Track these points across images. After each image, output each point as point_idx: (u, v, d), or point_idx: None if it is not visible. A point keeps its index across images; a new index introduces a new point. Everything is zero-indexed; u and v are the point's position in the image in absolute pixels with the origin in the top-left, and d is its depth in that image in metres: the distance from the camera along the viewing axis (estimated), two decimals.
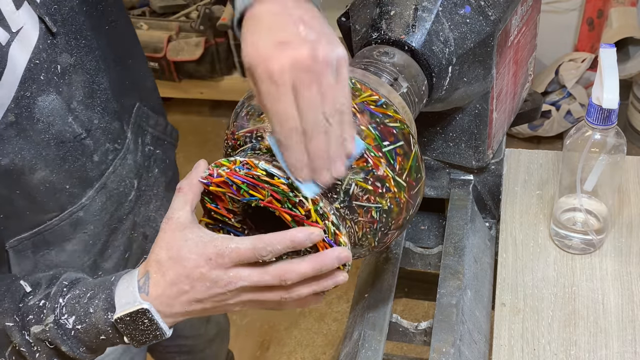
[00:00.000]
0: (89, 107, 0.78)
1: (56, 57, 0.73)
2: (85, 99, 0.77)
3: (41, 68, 0.72)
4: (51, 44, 0.72)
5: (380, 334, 0.80)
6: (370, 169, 0.60)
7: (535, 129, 2.42)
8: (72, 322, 0.64)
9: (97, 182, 0.82)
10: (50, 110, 0.73)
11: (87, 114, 0.78)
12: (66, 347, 0.64)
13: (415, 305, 1.96)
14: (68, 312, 0.64)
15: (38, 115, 0.72)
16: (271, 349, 1.97)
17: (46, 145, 0.74)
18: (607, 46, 0.80)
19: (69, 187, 0.79)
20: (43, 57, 0.72)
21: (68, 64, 0.74)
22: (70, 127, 0.76)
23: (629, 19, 2.18)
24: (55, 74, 0.73)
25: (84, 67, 0.77)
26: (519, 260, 0.91)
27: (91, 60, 0.77)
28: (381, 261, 0.90)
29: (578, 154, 0.82)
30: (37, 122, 0.73)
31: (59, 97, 0.74)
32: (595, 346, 0.80)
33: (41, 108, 0.73)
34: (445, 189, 0.98)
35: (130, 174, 0.87)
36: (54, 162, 0.76)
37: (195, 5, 2.64)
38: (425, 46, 0.73)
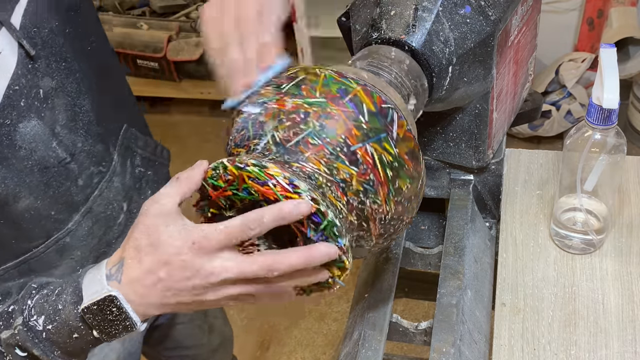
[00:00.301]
0: (72, 130, 0.76)
1: (37, 81, 0.71)
2: (69, 122, 0.76)
3: (21, 94, 0.70)
4: (32, 69, 0.70)
5: (380, 334, 0.80)
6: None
7: (535, 129, 2.42)
8: (42, 323, 0.61)
9: (82, 206, 0.80)
10: (32, 137, 0.71)
11: (70, 138, 0.76)
12: (38, 350, 0.61)
13: (415, 305, 1.97)
14: (37, 313, 0.62)
15: (20, 142, 0.71)
16: (271, 349, 1.97)
17: (29, 172, 0.72)
18: (607, 46, 0.80)
19: (54, 213, 0.77)
20: (22, 83, 0.70)
21: (50, 87, 0.73)
22: (54, 152, 0.74)
23: (629, 19, 2.18)
24: (37, 99, 0.71)
25: (65, 90, 0.75)
26: (519, 260, 0.91)
27: (72, 83, 0.76)
28: (381, 261, 0.90)
29: (578, 154, 0.82)
30: (19, 149, 0.71)
31: (41, 122, 0.72)
32: (595, 346, 0.80)
33: (22, 135, 0.71)
34: (445, 189, 0.98)
35: (118, 197, 0.86)
36: (38, 189, 0.74)
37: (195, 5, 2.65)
38: (426, 46, 0.73)
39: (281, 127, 0.59)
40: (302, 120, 0.59)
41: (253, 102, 0.62)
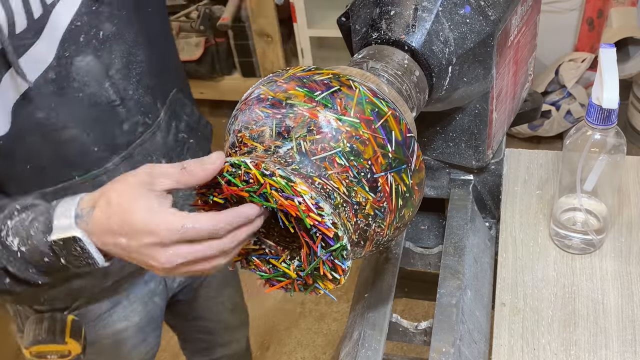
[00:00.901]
0: (125, 76, 0.82)
1: (98, 23, 0.77)
2: (123, 68, 0.81)
3: (81, 30, 0.76)
4: (95, 11, 0.76)
5: (380, 334, 0.80)
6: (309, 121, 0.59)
7: (535, 129, 2.42)
8: (16, 244, 0.66)
9: (123, 150, 0.85)
10: (86, 72, 0.77)
11: (123, 83, 0.81)
12: (13, 267, 0.67)
13: (415, 305, 1.97)
14: (12, 234, 0.67)
15: (74, 74, 0.76)
16: (271, 349, 1.97)
17: (80, 104, 0.78)
18: (607, 46, 0.80)
19: (97, 149, 0.82)
20: (84, 20, 0.76)
21: (110, 32, 0.79)
22: (105, 92, 0.80)
23: (629, 19, 2.18)
24: (96, 38, 0.77)
25: (123, 37, 0.81)
26: (519, 260, 0.91)
27: (130, 33, 0.82)
28: (381, 261, 0.90)
29: (578, 154, 0.82)
30: (72, 81, 0.76)
31: (97, 60, 0.78)
32: (595, 346, 0.80)
33: (77, 68, 0.76)
34: (445, 189, 0.98)
35: (158, 152, 0.90)
36: (85, 123, 0.80)
37: (195, 5, 2.64)
38: (425, 46, 0.73)
39: (309, 138, 0.58)
40: (333, 137, 0.58)
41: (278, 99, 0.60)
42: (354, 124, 0.59)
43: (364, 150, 0.59)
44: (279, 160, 0.58)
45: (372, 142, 0.59)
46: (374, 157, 0.59)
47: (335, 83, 0.60)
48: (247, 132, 0.61)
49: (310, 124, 0.59)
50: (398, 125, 0.61)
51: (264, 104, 0.61)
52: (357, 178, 0.59)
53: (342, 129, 0.59)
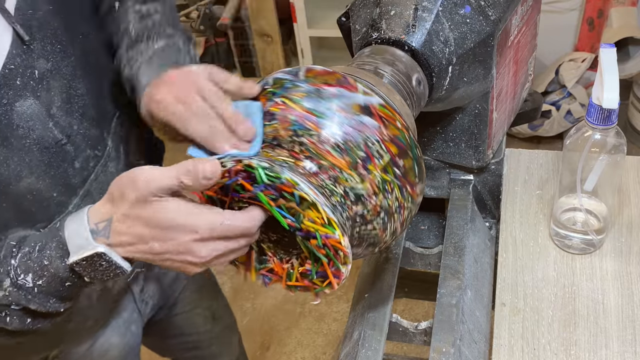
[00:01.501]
0: (67, 112, 0.78)
1: (33, 62, 0.73)
2: (64, 104, 0.77)
3: (16, 73, 0.71)
4: (27, 50, 0.72)
5: (380, 334, 0.80)
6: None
7: (535, 129, 2.42)
8: (31, 280, 0.64)
9: (80, 189, 0.82)
10: (29, 115, 0.73)
11: (66, 120, 0.78)
12: (34, 305, 0.65)
13: (415, 305, 1.97)
14: (24, 271, 0.65)
15: (17, 121, 0.72)
16: (271, 349, 1.97)
17: (29, 151, 0.74)
18: (607, 46, 0.80)
19: (55, 194, 0.79)
20: (17, 62, 0.71)
21: (45, 69, 0.74)
22: (51, 133, 0.76)
23: (629, 19, 2.18)
24: (33, 79, 0.73)
25: (60, 72, 0.76)
26: (519, 260, 0.91)
27: (67, 66, 0.77)
28: (381, 261, 0.90)
29: (578, 154, 0.82)
30: (17, 128, 0.72)
31: (38, 101, 0.74)
32: (595, 346, 0.80)
33: (20, 113, 0.72)
34: (445, 189, 0.98)
35: None
36: (38, 169, 0.76)
37: (195, 5, 2.65)
38: (425, 46, 0.73)
39: (369, 210, 0.61)
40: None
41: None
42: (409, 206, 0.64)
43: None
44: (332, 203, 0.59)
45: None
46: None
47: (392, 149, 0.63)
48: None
49: (377, 192, 0.61)
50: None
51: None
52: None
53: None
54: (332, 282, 0.59)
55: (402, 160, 0.61)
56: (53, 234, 0.65)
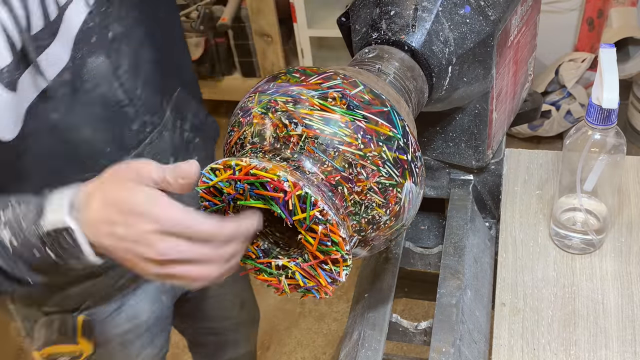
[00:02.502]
0: (132, 76, 0.83)
1: (108, 24, 0.79)
2: (131, 68, 0.82)
3: (93, 31, 0.77)
4: (105, 12, 0.78)
5: (380, 334, 0.80)
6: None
7: (535, 129, 2.42)
8: (8, 238, 0.64)
9: (134, 150, 0.87)
10: (98, 72, 0.78)
11: (130, 83, 0.83)
12: (3, 262, 0.64)
13: (415, 305, 1.97)
14: (7, 228, 0.64)
15: (87, 75, 0.77)
16: (271, 349, 1.97)
17: (92, 105, 0.79)
18: (607, 46, 0.80)
19: (109, 150, 0.84)
20: (96, 22, 0.77)
21: (118, 32, 0.80)
22: (115, 92, 0.81)
23: (629, 19, 2.18)
24: (106, 39, 0.79)
25: (131, 38, 0.82)
26: (519, 260, 0.91)
27: (138, 34, 0.83)
28: (381, 261, 0.90)
29: (578, 154, 0.82)
30: (85, 82, 0.77)
31: (108, 61, 0.79)
32: (595, 346, 0.80)
33: (90, 69, 0.78)
34: (445, 189, 0.98)
35: (167, 151, 0.92)
36: (97, 123, 0.81)
37: (195, 5, 2.64)
38: (425, 46, 0.73)
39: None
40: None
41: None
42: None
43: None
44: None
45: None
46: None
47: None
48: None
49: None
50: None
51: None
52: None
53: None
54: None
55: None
56: (39, 200, 0.64)
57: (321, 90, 0.59)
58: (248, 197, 0.58)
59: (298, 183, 0.55)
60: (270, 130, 0.60)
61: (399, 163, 0.60)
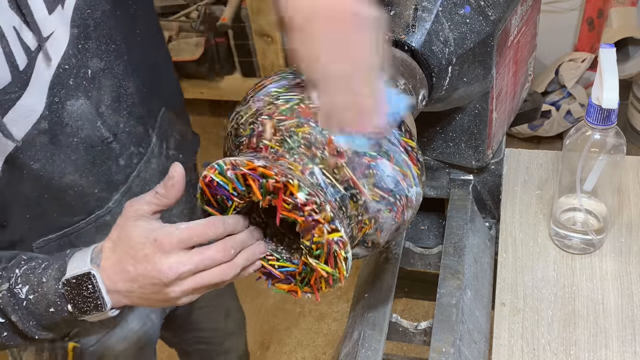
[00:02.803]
0: (115, 111, 0.79)
1: (87, 61, 0.74)
2: (113, 102, 0.79)
3: (70, 73, 0.73)
4: (82, 49, 0.73)
5: (380, 334, 0.80)
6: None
7: (535, 129, 2.42)
8: (25, 292, 0.66)
9: (122, 185, 0.84)
10: (79, 115, 0.75)
11: (114, 118, 0.79)
12: (16, 316, 0.66)
13: (415, 305, 1.97)
14: (22, 282, 0.66)
15: (67, 119, 0.74)
16: (271, 349, 1.97)
17: (75, 149, 0.76)
18: (607, 46, 0.80)
19: (97, 191, 0.81)
20: (72, 63, 0.72)
21: (98, 68, 0.76)
22: (98, 131, 0.77)
23: (629, 19, 2.18)
24: (85, 78, 0.74)
25: (112, 71, 0.78)
26: (519, 260, 0.91)
27: (119, 65, 0.79)
28: (381, 261, 0.90)
29: (578, 154, 0.82)
30: (65, 126, 0.74)
31: (88, 101, 0.75)
32: (595, 346, 0.80)
33: (70, 112, 0.74)
34: (445, 189, 0.98)
35: (154, 178, 0.89)
36: (83, 167, 0.78)
37: (195, 5, 2.64)
38: (425, 46, 0.73)
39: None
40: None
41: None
42: None
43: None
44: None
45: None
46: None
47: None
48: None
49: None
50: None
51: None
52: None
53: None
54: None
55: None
56: (61, 257, 0.67)
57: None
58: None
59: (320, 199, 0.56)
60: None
61: (403, 177, 0.62)
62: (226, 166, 0.57)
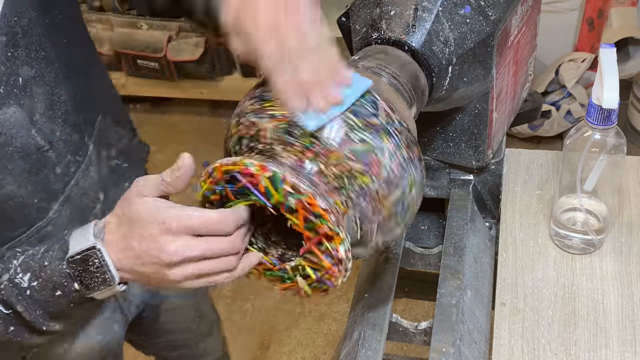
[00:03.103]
0: (50, 119, 0.78)
1: (17, 69, 0.73)
2: (47, 110, 0.78)
3: (0, 81, 0.71)
4: (11, 57, 0.72)
5: (380, 334, 0.80)
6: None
7: (535, 129, 2.42)
8: (27, 280, 0.65)
9: (61, 194, 0.82)
10: (12, 123, 0.73)
11: (49, 126, 0.78)
12: (22, 306, 0.66)
13: (415, 305, 1.97)
14: (23, 271, 0.66)
15: (0, 128, 0.72)
16: (271, 349, 1.97)
17: (11, 158, 0.74)
18: (607, 46, 0.80)
19: (36, 201, 0.79)
20: (2, 70, 0.71)
21: (29, 76, 0.74)
22: (33, 140, 0.76)
23: (629, 19, 2.18)
24: (16, 86, 0.73)
25: (44, 79, 0.77)
26: (519, 260, 0.91)
27: (50, 72, 0.77)
28: (381, 261, 0.90)
29: (578, 154, 0.82)
30: (0, 135, 0.73)
31: (21, 109, 0.74)
32: (595, 346, 0.80)
33: (2, 121, 0.72)
34: (445, 189, 0.98)
35: (95, 187, 0.87)
36: (20, 176, 0.76)
37: None
38: (425, 46, 0.73)
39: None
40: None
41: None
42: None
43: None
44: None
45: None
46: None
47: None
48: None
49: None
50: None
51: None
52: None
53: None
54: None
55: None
56: (59, 238, 0.66)
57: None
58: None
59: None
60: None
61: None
62: (285, 185, 0.56)
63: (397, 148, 0.61)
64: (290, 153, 0.59)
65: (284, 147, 0.59)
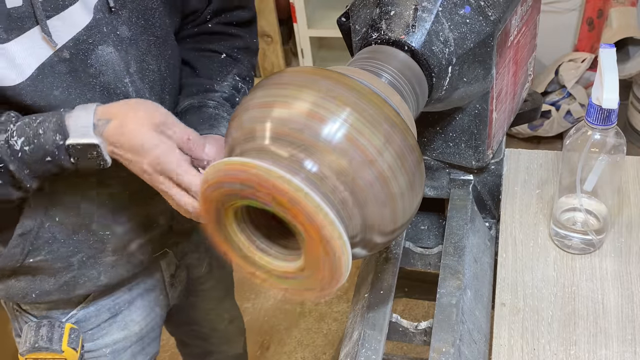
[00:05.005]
0: (141, 79, 0.85)
1: (117, 25, 0.81)
2: (139, 71, 0.85)
3: (103, 23, 0.79)
4: (115, 12, 0.80)
5: (380, 334, 0.80)
6: None
7: (535, 129, 2.42)
8: (20, 143, 0.72)
9: None
10: (106, 61, 0.80)
11: (140, 84, 0.85)
12: (13, 166, 0.72)
13: (415, 305, 1.97)
14: (17, 135, 0.72)
15: (92, 61, 0.79)
16: (271, 349, 1.97)
17: (92, 89, 0.80)
18: (607, 46, 0.80)
19: None
20: (106, 18, 0.79)
21: (126, 36, 0.82)
22: (124, 88, 0.83)
23: (629, 19, 2.18)
24: (116, 36, 0.81)
25: (137, 44, 0.84)
26: (519, 260, 0.91)
27: (144, 41, 0.85)
28: (381, 261, 0.90)
29: (578, 154, 0.82)
30: (89, 67, 0.79)
31: (117, 55, 0.81)
32: (595, 346, 0.80)
33: (98, 56, 0.80)
34: (445, 189, 0.98)
35: None
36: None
37: None
38: (425, 46, 0.73)
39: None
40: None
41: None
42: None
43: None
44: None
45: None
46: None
47: None
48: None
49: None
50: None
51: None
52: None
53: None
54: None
55: None
56: (55, 113, 0.73)
57: None
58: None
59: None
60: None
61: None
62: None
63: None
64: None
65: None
